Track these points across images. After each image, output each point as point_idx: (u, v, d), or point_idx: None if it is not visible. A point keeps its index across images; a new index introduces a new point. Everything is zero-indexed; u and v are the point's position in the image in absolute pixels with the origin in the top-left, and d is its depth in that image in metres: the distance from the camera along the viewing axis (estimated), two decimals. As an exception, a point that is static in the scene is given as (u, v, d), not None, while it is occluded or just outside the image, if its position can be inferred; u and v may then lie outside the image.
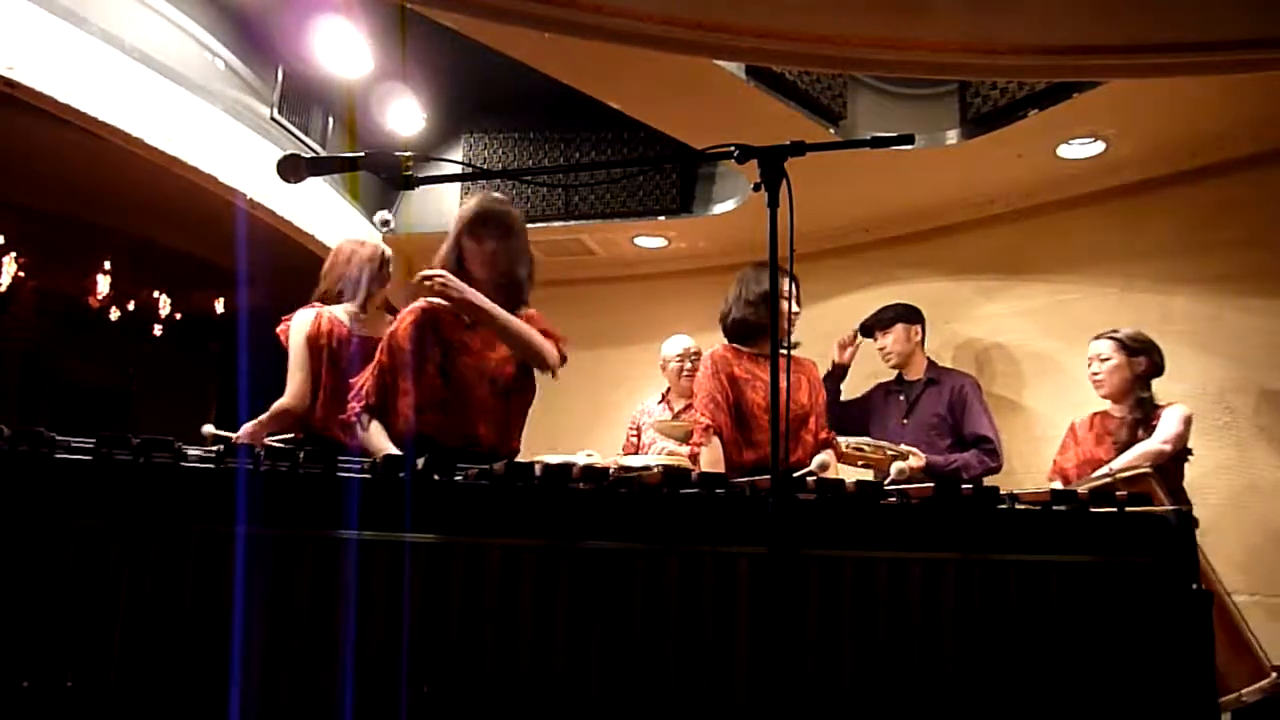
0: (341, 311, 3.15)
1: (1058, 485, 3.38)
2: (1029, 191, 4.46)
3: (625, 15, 3.03)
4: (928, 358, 4.21)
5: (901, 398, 4.13)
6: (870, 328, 4.25)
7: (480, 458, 1.94)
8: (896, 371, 4.20)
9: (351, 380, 2.53)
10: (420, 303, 2.45)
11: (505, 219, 2.49)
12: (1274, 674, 2.60)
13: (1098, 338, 3.53)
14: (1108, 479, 2.81)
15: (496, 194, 2.58)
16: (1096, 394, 3.52)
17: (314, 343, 3.05)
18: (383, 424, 2.40)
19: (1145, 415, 3.37)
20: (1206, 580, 2.72)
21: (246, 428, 2.98)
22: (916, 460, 3.60)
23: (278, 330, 3.15)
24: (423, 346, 2.40)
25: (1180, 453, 3.30)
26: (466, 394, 2.39)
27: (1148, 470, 2.86)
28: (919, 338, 4.17)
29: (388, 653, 1.61)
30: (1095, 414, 3.55)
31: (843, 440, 3.57)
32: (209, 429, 3.11)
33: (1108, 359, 3.45)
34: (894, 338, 4.14)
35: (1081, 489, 2.28)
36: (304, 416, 3.02)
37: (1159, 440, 3.24)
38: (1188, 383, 3.97)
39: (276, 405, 3.03)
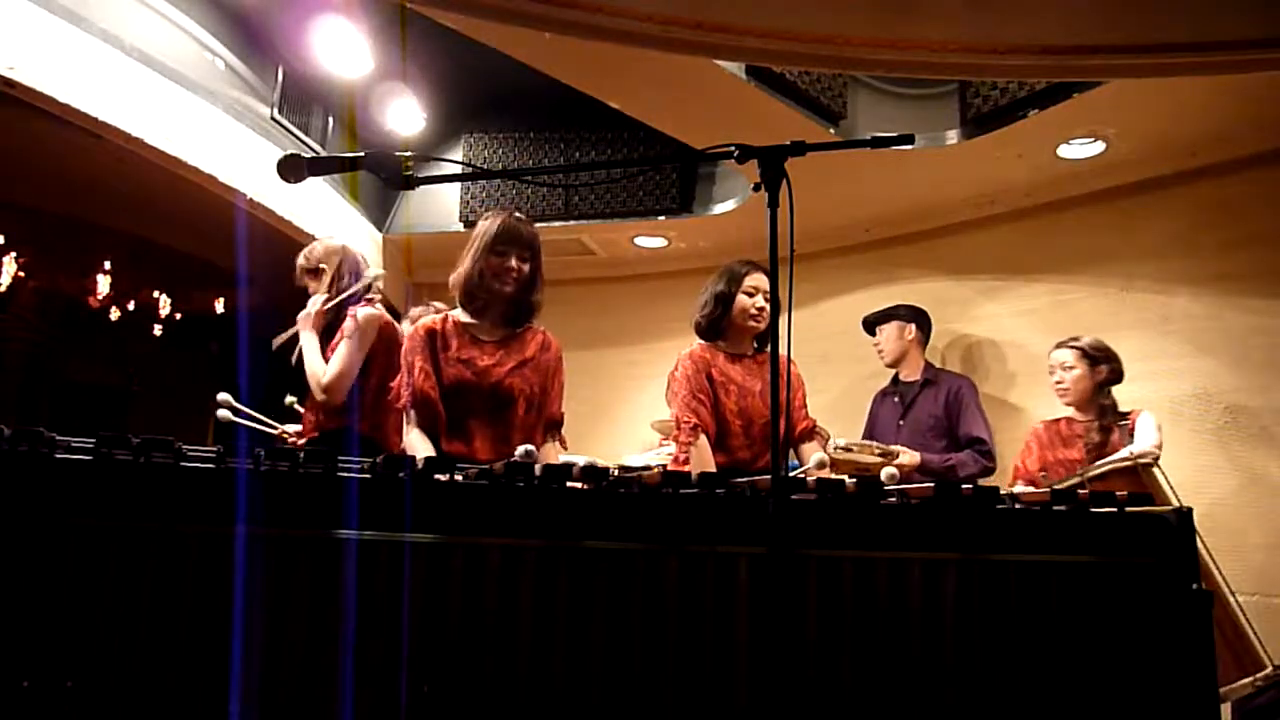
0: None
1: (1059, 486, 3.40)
2: (1029, 191, 4.45)
3: (625, 15, 3.03)
4: (925, 359, 4.22)
5: (896, 399, 4.15)
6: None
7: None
8: (892, 374, 4.23)
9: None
10: (426, 320, 2.53)
11: (530, 237, 2.53)
12: (1269, 669, 2.61)
13: (1059, 347, 3.57)
14: (1105, 468, 2.82)
15: (517, 212, 2.61)
16: (1059, 402, 3.56)
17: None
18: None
19: (1112, 422, 3.42)
20: (1207, 577, 2.75)
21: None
22: (907, 458, 3.62)
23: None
24: (428, 359, 2.45)
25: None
26: (463, 407, 2.44)
27: (1150, 461, 2.89)
28: (911, 337, 4.20)
29: (388, 653, 1.61)
30: (1057, 420, 3.59)
31: (830, 444, 3.57)
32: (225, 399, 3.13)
33: (1072, 368, 3.50)
34: (886, 335, 4.20)
35: (1082, 478, 2.26)
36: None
37: (1150, 444, 3.27)
38: (1188, 383, 3.97)
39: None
